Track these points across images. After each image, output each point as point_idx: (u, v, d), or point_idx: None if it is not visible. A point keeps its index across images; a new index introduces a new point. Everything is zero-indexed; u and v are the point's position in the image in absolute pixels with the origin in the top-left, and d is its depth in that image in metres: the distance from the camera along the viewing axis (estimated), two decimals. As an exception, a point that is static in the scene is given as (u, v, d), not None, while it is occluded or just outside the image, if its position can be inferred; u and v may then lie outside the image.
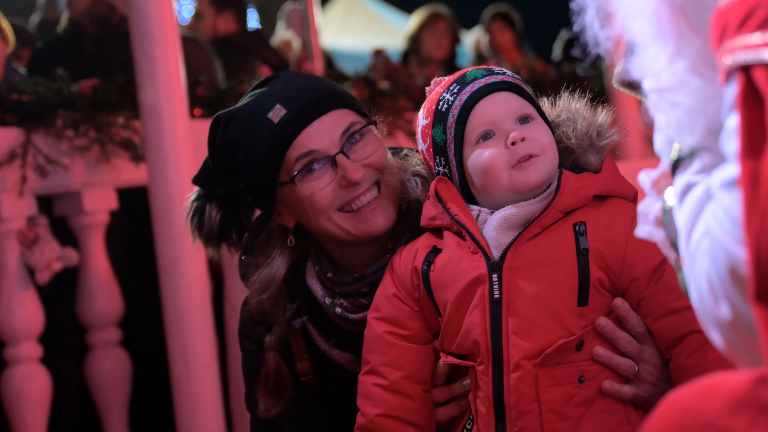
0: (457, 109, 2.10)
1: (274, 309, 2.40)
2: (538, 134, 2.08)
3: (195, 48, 5.25)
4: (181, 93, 4.22)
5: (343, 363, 2.40)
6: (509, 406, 2.01)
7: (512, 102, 2.10)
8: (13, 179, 4.10)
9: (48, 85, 4.31)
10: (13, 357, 4.25)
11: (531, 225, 2.03)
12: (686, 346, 1.97)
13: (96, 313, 4.67)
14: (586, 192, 2.05)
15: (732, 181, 1.07)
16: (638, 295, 2.02)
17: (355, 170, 2.25)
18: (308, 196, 2.26)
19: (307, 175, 2.26)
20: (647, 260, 1.99)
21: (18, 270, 4.25)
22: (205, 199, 2.41)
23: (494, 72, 2.14)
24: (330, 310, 2.36)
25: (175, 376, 4.22)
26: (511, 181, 2.06)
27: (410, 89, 5.62)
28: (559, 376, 2.00)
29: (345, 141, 2.28)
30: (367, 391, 2.17)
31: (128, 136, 4.39)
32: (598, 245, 2.01)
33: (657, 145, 1.28)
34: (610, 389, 2.01)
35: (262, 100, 2.30)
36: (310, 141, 2.25)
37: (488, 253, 2.05)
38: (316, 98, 2.28)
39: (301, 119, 2.26)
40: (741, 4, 1.06)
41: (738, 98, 1.05)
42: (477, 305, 2.04)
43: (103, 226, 4.63)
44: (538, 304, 2.00)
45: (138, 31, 4.19)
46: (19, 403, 4.22)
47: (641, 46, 1.21)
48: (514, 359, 2.00)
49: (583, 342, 2.01)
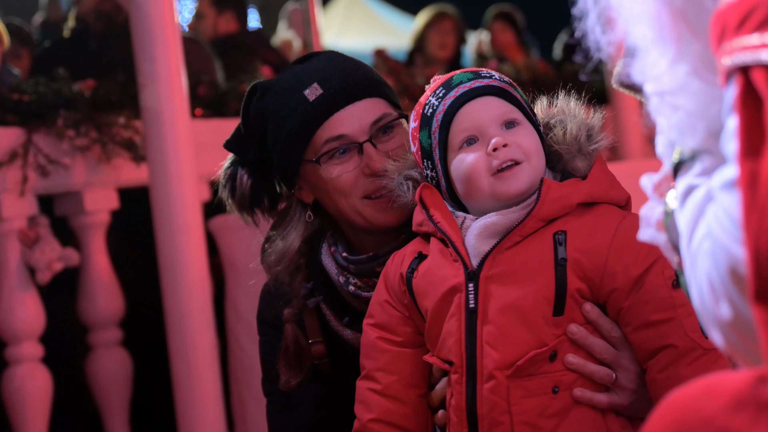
0: (441, 114, 2.07)
1: (291, 282, 2.44)
2: (523, 140, 2.04)
3: (194, 48, 5.25)
4: (182, 93, 4.22)
5: (354, 343, 2.40)
6: (481, 416, 1.99)
7: (497, 106, 2.06)
8: (14, 179, 4.11)
9: (49, 85, 4.31)
10: (14, 357, 4.25)
11: (510, 234, 2.00)
12: (660, 359, 1.94)
13: (97, 312, 4.67)
14: (567, 201, 2.00)
15: (732, 182, 1.07)
16: (618, 305, 1.98)
17: (379, 160, 2.27)
18: (332, 178, 2.29)
19: (334, 158, 2.29)
20: (628, 271, 1.96)
21: (19, 270, 4.25)
22: (238, 165, 2.45)
23: (481, 75, 2.10)
24: (344, 289, 2.39)
25: (176, 376, 4.23)
26: (492, 188, 2.03)
27: (411, 89, 5.62)
28: (532, 387, 1.97)
29: (375, 130, 2.30)
30: (362, 396, 2.17)
31: (129, 136, 4.40)
32: (577, 255, 1.97)
33: (658, 148, 1.28)
34: (581, 397, 1.98)
35: (301, 75, 2.33)
36: (341, 125, 2.28)
37: (467, 261, 2.03)
38: (353, 83, 2.30)
39: (335, 102, 2.29)
40: (739, 6, 1.06)
41: (737, 99, 1.06)
42: (454, 314, 2.03)
43: (104, 226, 4.64)
44: (512, 314, 1.98)
45: (139, 30, 4.20)
46: (20, 402, 4.22)
47: (642, 50, 1.21)
48: (488, 369, 1.98)
49: (557, 352, 1.98)
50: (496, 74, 2.12)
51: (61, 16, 7.35)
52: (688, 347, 1.92)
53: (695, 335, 1.92)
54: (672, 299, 1.93)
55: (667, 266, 1.93)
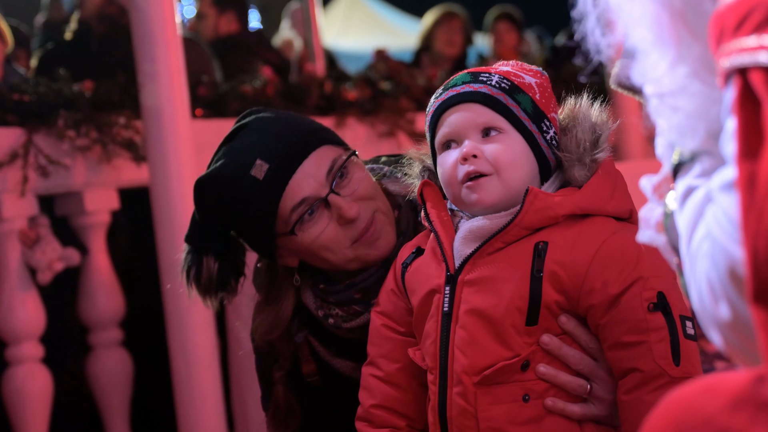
0: (430, 115, 2.09)
1: (281, 342, 2.41)
2: (498, 151, 2.01)
3: (194, 49, 5.26)
4: (182, 93, 4.23)
5: (345, 371, 2.41)
6: (450, 419, 2.00)
7: (480, 114, 2.03)
8: (14, 179, 4.11)
9: (49, 85, 4.31)
10: (14, 357, 4.26)
11: (492, 239, 1.99)
12: (627, 381, 1.93)
13: (97, 313, 4.67)
14: (552, 212, 1.97)
15: (730, 184, 1.08)
16: (595, 321, 1.96)
17: (349, 207, 2.23)
18: (312, 240, 2.24)
19: (305, 222, 2.24)
20: (606, 288, 1.93)
21: (19, 270, 4.26)
22: (201, 252, 2.39)
23: (477, 79, 2.06)
24: (324, 322, 2.37)
25: (177, 376, 4.23)
26: (463, 197, 2.03)
27: (412, 89, 5.62)
28: (501, 395, 1.97)
29: (332, 179, 2.24)
30: (366, 382, 2.20)
31: (130, 136, 4.40)
32: (555, 267, 1.95)
33: (658, 149, 1.29)
34: (552, 407, 1.97)
35: (241, 156, 2.25)
36: (299, 190, 2.22)
37: (449, 264, 2.03)
38: (294, 144, 2.24)
39: (285, 170, 2.22)
40: (737, 7, 1.07)
41: (735, 101, 1.06)
42: (432, 315, 2.04)
43: (104, 226, 4.64)
44: (483, 320, 1.97)
45: (139, 31, 4.20)
46: (20, 403, 4.23)
47: (642, 52, 1.21)
48: (457, 374, 1.99)
49: (530, 361, 1.96)
50: (497, 77, 2.07)
51: (63, 16, 7.34)
52: (655, 373, 1.90)
53: (664, 362, 1.90)
54: (646, 322, 1.91)
55: (646, 288, 1.92)
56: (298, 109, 5.10)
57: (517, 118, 2.04)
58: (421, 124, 5.49)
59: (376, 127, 5.42)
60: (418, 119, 5.50)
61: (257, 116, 2.34)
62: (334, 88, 5.32)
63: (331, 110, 5.27)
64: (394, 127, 5.45)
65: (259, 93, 5.00)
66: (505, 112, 2.03)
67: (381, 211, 2.28)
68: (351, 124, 5.31)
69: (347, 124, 5.29)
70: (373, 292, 2.29)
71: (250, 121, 2.34)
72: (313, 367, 2.44)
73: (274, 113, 2.35)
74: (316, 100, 5.21)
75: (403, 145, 5.41)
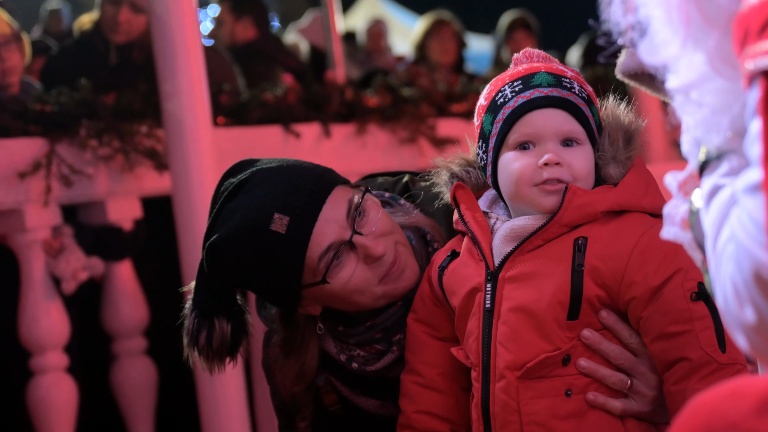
0: (509, 110, 2.06)
1: (304, 393, 2.38)
2: (577, 162, 2.03)
3: (215, 57, 5.26)
4: (203, 101, 4.23)
5: (370, 409, 2.40)
6: (494, 415, 2.02)
7: (564, 122, 2.04)
8: (37, 189, 4.12)
9: (71, 95, 4.33)
10: (39, 366, 4.27)
11: (532, 237, 2.01)
12: (675, 372, 1.94)
13: (121, 322, 4.69)
14: (592, 208, 2.00)
15: (755, 186, 1.07)
16: (637, 314, 1.98)
17: (375, 245, 2.19)
18: (343, 285, 2.20)
19: (334, 268, 2.19)
20: (647, 280, 1.95)
21: (43, 280, 4.27)
22: (210, 315, 2.28)
23: (562, 84, 2.07)
24: (347, 366, 2.35)
25: (200, 385, 4.23)
26: (532, 197, 2.04)
27: (432, 95, 5.62)
28: (543, 389, 1.99)
29: (353, 220, 2.20)
30: (406, 389, 2.21)
31: (152, 145, 4.41)
32: (596, 262, 1.97)
33: (684, 146, 1.28)
34: (594, 401, 1.99)
35: (255, 213, 2.17)
36: (323, 237, 2.17)
37: (489, 262, 2.05)
38: (310, 192, 2.19)
39: (307, 220, 2.16)
40: (761, 10, 1.06)
41: (760, 102, 1.05)
42: (475, 313, 2.06)
43: (127, 235, 4.65)
44: (525, 316, 1.99)
45: (161, 40, 4.21)
46: (45, 412, 4.24)
47: (653, 30, 1.21)
48: (499, 369, 2.01)
49: (570, 356, 1.99)
50: (578, 86, 2.08)
51: (61, 28, 7.34)
52: (703, 361, 1.91)
53: (711, 349, 1.91)
54: (690, 312, 1.93)
55: (687, 278, 1.94)
56: (318, 116, 5.11)
57: (592, 131, 2.07)
58: (443, 130, 5.49)
59: (397, 133, 5.41)
60: (439, 125, 5.50)
61: (256, 169, 2.26)
62: (355, 95, 5.32)
63: (352, 117, 5.27)
64: (415, 133, 5.45)
65: (281, 101, 5.01)
66: (586, 124, 2.06)
67: (401, 243, 2.26)
68: (372, 130, 5.31)
69: (368, 130, 5.29)
70: (393, 330, 2.28)
71: (250, 175, 2.25)
72: (335, 398, 2.42)
73: (272, 162, 2.27)
74: (337, 107, 5.21)
75: (425, 152, 5.40)
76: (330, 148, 5.09)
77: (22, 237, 4.21)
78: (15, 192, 4.09)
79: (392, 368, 2.31)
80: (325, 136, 5.11)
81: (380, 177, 2.51)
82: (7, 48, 4.51)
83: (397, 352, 2.29)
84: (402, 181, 2.46)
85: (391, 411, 2.33)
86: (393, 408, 2.29)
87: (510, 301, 2.01)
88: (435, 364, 2.19)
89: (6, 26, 4.56)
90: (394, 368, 2.30)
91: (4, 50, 4.49)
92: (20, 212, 4.15)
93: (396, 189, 2.45)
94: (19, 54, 4.60)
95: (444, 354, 2.18)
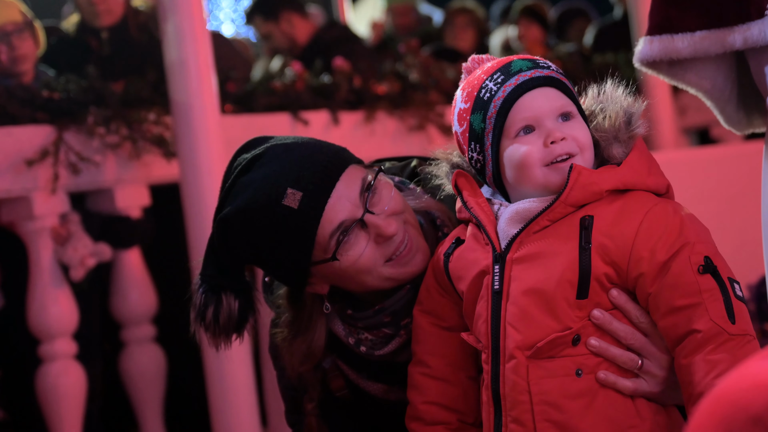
0: (500, 101, 2.06)
1: (310, 372, 2.38)
2: (578, 133, 2.04)
3: (222, 45, 5.25)
4: (211, 89, 4.23)
5: (377, 393, 2.40)
6: (504, 396, 2.01)
7: (555, 98, 2.06)
8: (45, 177, 4.13)
9: (79, 83, 4.33)
10: (47, 354, 4.28)
11: (538, 218, 2.01)
12: (686, 345, 1.94)
13: (130, 309, 4.70)
14: (597, 187, 2.00)
15: None
16: (645, 290, 1.98)
17: (387, 225, 2.18)
18: (352, 263, 2.19)
19: (344, 246, 2.18)
20: (654, 256, 1.95)
21: (52, 267, 4.28)
22: (218, 290, 2.26)
23: (539, 65, 2.09)
24: (355, 349, 2.34)
25: (209, 372, 4.24)
26: (545, 178, 2.03)
27: (441, 83, 5.60)
28: (553, 369, 1.98)
29: (365, 199, 2.19)
30: (414, 381, 2.21)
31: (159, 132, 4.41)
32: (603, 239, 1.98)
33: None
34: (605, 380, 1.99)
35: (268, 188, 2.16)
36: (336, 214, 2.16)
37: (495, 244, 2.05)
38: (324, 168, 2.18)
39: (320, 197, 2.15)
40: None
41: None
42: (483, 296, 2.06)
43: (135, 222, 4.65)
44: (534, 295, 1.99)
45: (168, 27, 4.20)
46: (54, 399, 4.25)
47: None
48: (509, 349, 2.00)
49: (580, 336, 1.98)
50: (553, 65, 2.11)
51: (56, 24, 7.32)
52: (713, 332, 1.91)
53: (721, 321, 1.91)
54: (698, 284, 1.93)
55: (694, 252, 1.95)
56: (327, 104, 5.10)
57: (579, 103, 2.10)
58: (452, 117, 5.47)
59: (405, 120, 5.41)
60: (448, 112, 5.48)
61: (270, 145, 2.25)
62: (363, 83, 5.31)
63: (360, 104, 5.26)
64: (424, 121, 5.44)
65: (289, 88, 5.00)
66: (573, 97, 2.09)
67: (410, 224, 2.25)
68: (381, 118, 5.30)
69: (377, 118, 5.28)
70: (402, 314, 2.28)
71: (264, 150, 2.24)
72: (342, 383, 2.42)
73: (287, 139, 2.27)
74: (345, 95, 5.20)
75: (434, 139, 5.39)
76: (338, 136, 5.07)
77: (31, 224, 4.22)
78: (23, 180, 4.09)
79: (400, 353, 2.30)
80: (334, 123, 5.11)
81: (387, 162, 2.50)
82: (19, 36, 4.50)
83: (405, 336, 2.29)
84: (410, 166, 2.45)
85: (397, 396, 2.32)
86: (400, 393, 2.29)
87: (518, 282, 2.01)
88: (442, 355, 2.19)
89: (18, 14, 4.55)
90: (402, 353, 2.30)
91: (16, 38, 4.49)
92: (28, 200, 4.15)
93: (404, 174, 2.45)
94: (32, 42, 4.59)
95: (450, 344, 2.18)
